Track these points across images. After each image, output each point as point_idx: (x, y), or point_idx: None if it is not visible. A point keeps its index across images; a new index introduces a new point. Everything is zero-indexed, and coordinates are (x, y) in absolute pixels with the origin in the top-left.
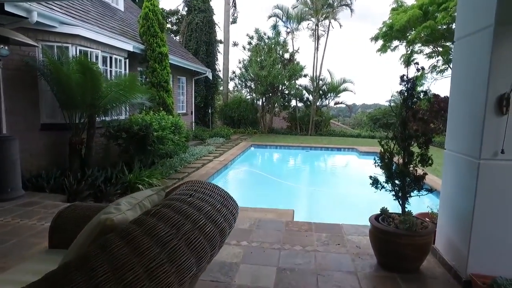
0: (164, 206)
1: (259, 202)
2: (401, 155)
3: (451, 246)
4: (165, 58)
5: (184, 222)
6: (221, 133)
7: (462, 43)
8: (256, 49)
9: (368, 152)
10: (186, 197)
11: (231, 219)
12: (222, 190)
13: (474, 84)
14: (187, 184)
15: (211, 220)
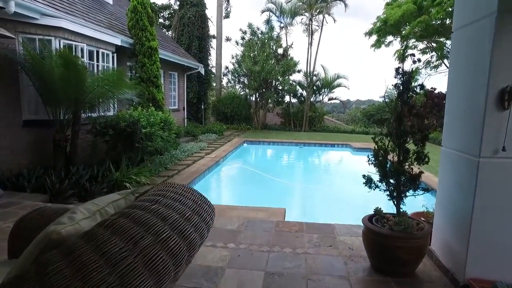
0: (123, 215)
1: (250, 200)
2: (396, 152)
3: (448, 248)
4: (154, 53)
5: (143, 235)
6: (214, 129)
7: (461, 33)
8: (249, 44)
9: (362, 148)
10: (150, 204)
11: (204, 229)
12: (197, 194)
13: (474, 77)
14: (157, 188)
15: (178, 231)
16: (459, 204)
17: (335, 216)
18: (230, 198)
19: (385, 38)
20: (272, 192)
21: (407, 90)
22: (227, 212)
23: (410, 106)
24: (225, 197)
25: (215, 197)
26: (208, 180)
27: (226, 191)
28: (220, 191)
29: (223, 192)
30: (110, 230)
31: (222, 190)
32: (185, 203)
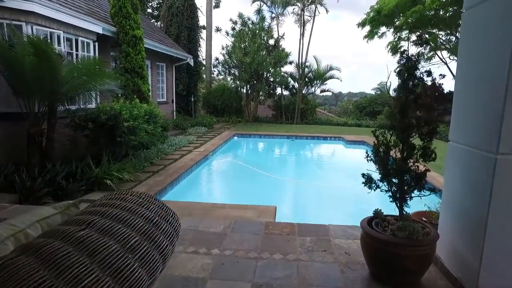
0: (27, 249)
1: (239, 196)
2: (399, 148)
3: (457, 255)
4: (139, 42)
5: (54, 282)
6: (203, 122)
7: (476, 12)
8: (240, 35)
9: (355, 141)
10: (76, 231)
11: (157, 263)
12: (152, 210)
13: (491, 63)
14: (101, 200)
15: (107, 268)
16: (470, 206)
17: (329, 215)
18: (218, 194)
19: (378, 28)
20: (263, 188)
21: (413, 76)
22: (213, 211)
23: (416, 95)
24: (213, 194)
25: (202, 194)
26: (196, 176)
27: (214, 187)
28: (208, 187)
29: (211, 189)
30: (5, 272)
31: (210, 186)
32: (130, 223)
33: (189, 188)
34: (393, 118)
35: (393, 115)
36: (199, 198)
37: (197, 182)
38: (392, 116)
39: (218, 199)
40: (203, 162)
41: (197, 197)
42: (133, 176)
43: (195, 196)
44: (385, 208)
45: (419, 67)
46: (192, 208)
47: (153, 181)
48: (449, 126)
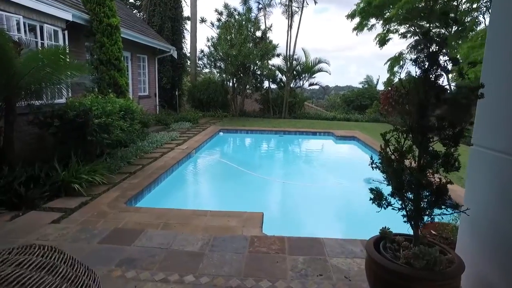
0: None
1: (223, 200)
2: (414, 155)
3: None
4: (115, 31)
5: None
6: (188, 117)
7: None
8: (226, 26)
9: (345, 137)
10: None
11: None
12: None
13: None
14: None
15: None
16: (504, 225)
17: (322, 221)
18: (201, 198)
19: (368, 20)
20: (249, 190)
21: (436, 65)
22: (193, 220)
23: (439, 90)
24: (194, 198)
25: (182, 198)
26: (176, 177)
27: (197, 189)
28: (190, 190)
29: (192, 191)
30: None
31: (192, 188)
32: None
33: (168, 192)
34: (409, 118)
35: (408, 113)
36: (179, 204)
37: (178, 184)
38: (406, 114)
39: (200, 204)
40: (186, 160)
41: (176, 202)
42: (107, 178)
43: (175, 201)
44: (384, 215)
45: (441, 54)
46: (170, 216)
47: (128, 184)
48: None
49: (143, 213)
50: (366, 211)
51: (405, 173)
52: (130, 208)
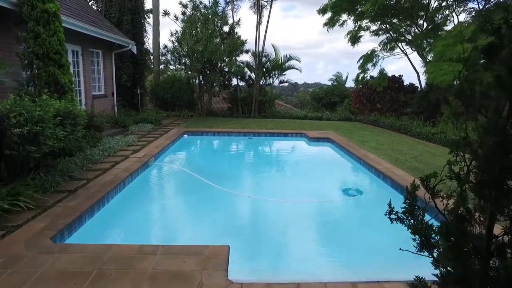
0: None
1: (181, 228)
2: (482, 213)
3: None
4: (53, 20)
5: None
6: (150, 118)
7: None
8: (191, 20)
9: (318, 138)
10: None
11: None
12: None
13: None
14: None
15: None
16: None
17: (302, 253)
18: (153, 226)
19: (340, 15)
20: (213, 211)
21: None
22: (136, 263)
23: None
24: (144, 225)
25: (129, 227)
26: (126, 195)
27: (149, 213)
28: (140, 214)
29: (143, 216)
30: None
31: (143, 211)
32: None
33: (114, 217)
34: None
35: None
36: (125, 234)
37: (127, 205)
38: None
39: (152, 234)
40: (141, 172)
41: (122, 231)
42: (36, 200)
43: (120, 230)
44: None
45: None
46: (108, 258)
47: (62, 208)
48: None
49: (72, 255)
50: (349, 232)
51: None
52: (56, 246)
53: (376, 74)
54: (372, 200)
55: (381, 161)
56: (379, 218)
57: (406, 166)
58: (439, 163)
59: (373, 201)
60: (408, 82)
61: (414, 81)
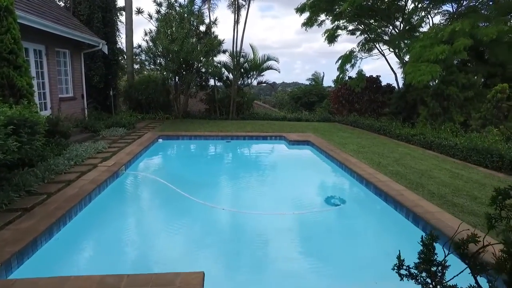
0: None
1: (151, 251)
2: None
3: None
4: (5, 15)
5: None
6: (123, 121)
7: None
8: (166, 19)
9: (298, 141)
10: None
11: None
12: None
13: None
14: None
15: None
16: None
17: (289, 272)
18: (118, 250)
19: (318, 15)
20: (187, 228)
21: None
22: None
23: None
24: (109, 249)
25: (90, 251)
26: (91, 211)
27: (113, 233)
28: (103, 235)
29: (107, 238)
30: None
31: (108, 232)
32: None
33: (75, 240)
34: None
35: None
36: (87, 262)
37: (91, 225)
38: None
39: (117, 260)
40: (110, 183)
41: (83, 258)
42: None
43: (81, 257)
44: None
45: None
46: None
47: (12, 232)
48: None
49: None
50: (334, 247)
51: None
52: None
53: (354, 74)
54: (356, 209)
55: (363, 165)
56: (364, 229)
57: (388, 171)
58: (420, 167)
59: (357, 210)
60: (385, 83)
61: (391, 81)
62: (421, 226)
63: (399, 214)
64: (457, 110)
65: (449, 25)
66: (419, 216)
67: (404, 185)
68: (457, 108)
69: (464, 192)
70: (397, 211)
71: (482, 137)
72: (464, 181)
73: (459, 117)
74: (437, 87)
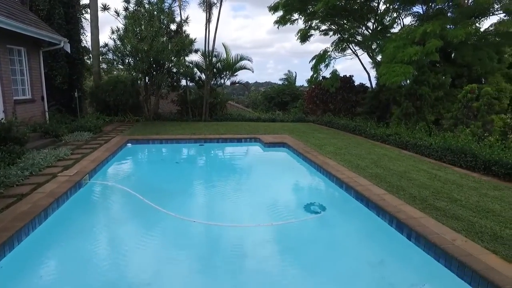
0: None
1: (115, 269)
2: None
3: None
4: None
5: None
6: (88, 125)
7: None
8: (134, 17)
9: (274, 143)
10: None
11: None
12: None
13: None
14: None
15: None
16: None
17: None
18: (76, 274)
19: (291, 15)
20: (155, 246)
21: None
22: None
23: None
24: (64, 276)
25: (44, 279)
26: (47, 229)
27: (74, 254)
28: (61, 258)
29: (66, 260)
30: None
31: (67, 252)
32: None
33: (24, 266)
34: None
35: None
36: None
37: (46, 247)
38: None
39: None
40: (71, 195)
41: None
42: None
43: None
44: None
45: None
46: None
47: None
48: None
49: None
50: (317, 259)
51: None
52: None
53: (328, 74)
54: (337, 217)
55: (342, 168)
56: (346, 238)
57: (368, 174)
58: (399, 168)
59: (338, 218)
60: (358, 82)
61: (364, 81)
62: (405, 233)
63: (382, 220)
64: (429, 109)
65: (420, 27)
66: (402, 222)
67: (385, 189)
68: (429, 108)
69: (444, 194)
70: (380, 217)
71: (456, 137)
72: (442, 183)
73: (431, 116)
74: (410, 87)
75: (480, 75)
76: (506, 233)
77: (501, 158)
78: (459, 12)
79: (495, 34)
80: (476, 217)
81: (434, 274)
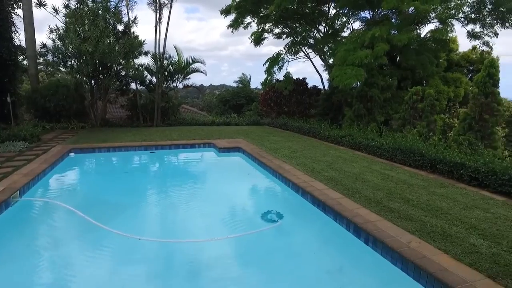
0: None
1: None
2: None
3: None
4: None
5: None
6: (23, 133)
7: None
8: (76, 15)
9: (228, 148)
10: None
11: None
12: None
13: None
14: None
15: None
16: None
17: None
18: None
19: (244, 17)
20: (95, 269)
21: None
22: None
23: None
24: None
25: None
26: None
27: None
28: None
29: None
30: None
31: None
32: None
33: None
34: None
35: None
36: None
37: None
38: None
39: None
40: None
41: None
42: None
43: None
44: None
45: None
46: None
47: None
48: None
49: None
50: (281, 271)
51: None
52: None
53: (282, 77)
54: (295, 224)
55: (298, 172)
56: (305, 247)
57: (324, 177)
58: (353, 170)
59: (296, 225)
60: (311, 85)
61: (317, 83)
62: (363, 238)
63: (340, 225)
64: (379, 110)
65: (369, 31)
66: (360, 227)
67: (341, 192)
68: (378, 109)
69: (397, 195)
70: (337, 222)
71: (404, 137)
72: (394, 183)
73: (380, 117)
74: (361, 89)
75: (422, 78)
76: (454, 231)
77: (444, 156)
78: (403, 19)
79: (433, 40)
80: (427, 216)
81: (392, 279)
